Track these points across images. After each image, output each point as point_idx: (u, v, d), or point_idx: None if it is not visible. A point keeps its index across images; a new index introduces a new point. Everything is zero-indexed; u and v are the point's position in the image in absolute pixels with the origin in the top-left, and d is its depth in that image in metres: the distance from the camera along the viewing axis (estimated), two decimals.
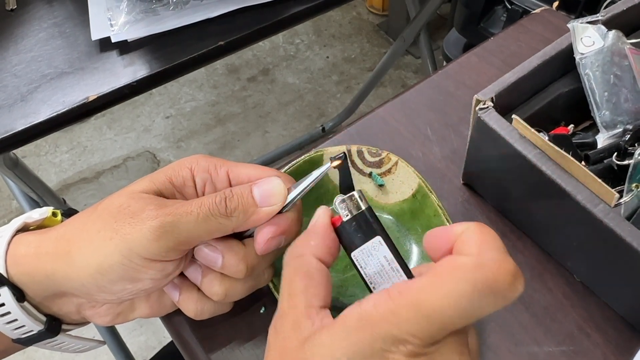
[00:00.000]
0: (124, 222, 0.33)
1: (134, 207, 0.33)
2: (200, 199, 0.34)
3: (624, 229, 0.38)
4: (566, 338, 0.43)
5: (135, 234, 0.32)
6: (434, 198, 0.46)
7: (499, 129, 0.43)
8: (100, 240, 0.33)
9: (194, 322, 0.44)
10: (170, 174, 0.37)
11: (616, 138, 0.48)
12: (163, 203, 0.34)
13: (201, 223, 0.33)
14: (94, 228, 0.33)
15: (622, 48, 0.48)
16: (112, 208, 0.34)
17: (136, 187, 0.35)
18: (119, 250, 0.32)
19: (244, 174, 0.37)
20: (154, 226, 0.32)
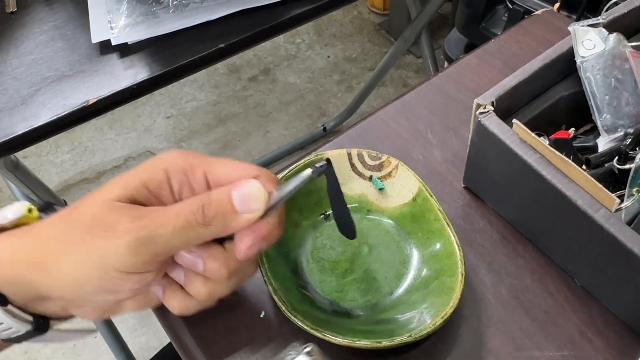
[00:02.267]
0: (98, 235, 0.31)
1: (108, 220, 0.32)
2: (177, 208, 0.33)
3: (624, 234, 0.37)
4: (567, 343, 0.43)
5: (110, 248, 0.31)
6: (435, 202, 0.46)
7: (500, 133, 0.43)
8: (75, 253, 0.32)
9: (193, 326, 0.44)
10: (145, 178, 0.34)
11: (617, 142, 0.47)
12: (138, 214, 0.32)
13: (178, 234, 0.32)
14: (69, 240, 0.32)
15: (623, 51, 0.48)
16: (86, 219, 0.32)
17: (109, 194, 0.33)
18: (94, 264, 0.32)
19: (222, 175, 0.35)
20: (129, 240, 0.31)
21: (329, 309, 0.44)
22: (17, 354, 1.30)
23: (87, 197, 0.34)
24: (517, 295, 0.46)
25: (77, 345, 1.32)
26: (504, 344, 0.43)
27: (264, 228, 0.35)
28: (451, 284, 0.42)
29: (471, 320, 0.45)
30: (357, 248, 0.48)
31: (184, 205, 0.33)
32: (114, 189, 0.33)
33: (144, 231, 0.32)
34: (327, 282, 0.46)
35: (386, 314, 0.44)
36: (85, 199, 0.34)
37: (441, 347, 0.43)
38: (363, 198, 0.50)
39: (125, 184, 0.34)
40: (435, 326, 0.40)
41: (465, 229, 0.50)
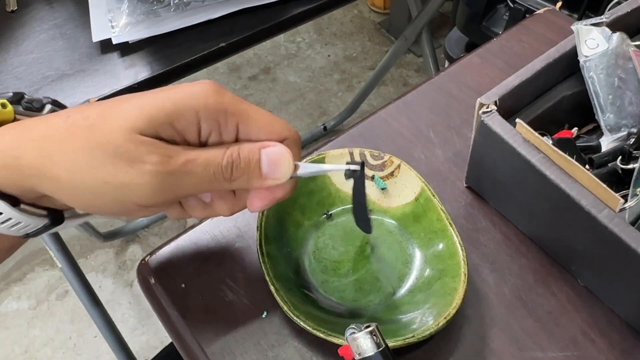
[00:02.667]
0: (121, 168, 0.30)
1: (133, 153, 0.30)
2: (206, 157, 0.32)
3: (628, 234, 0.37)
4: (570, 343, 0.43)
5: (133, 183, 0.30)
6: (437, 201, 0.46)
7: (503, 132, 0.43)
8: (94, 179, 0.31)
9: (195, 326, 0.44)
10: (173, 115, 0.31)
11: (620, 141, 0.47)
12: (166, 153, 0.31)
13: (203, 184, 0.33)
14: (86, 162, 0.31)
15: (627, 50, 0.48)
16: (108, 147, 0.30)
17: (131, 123, 0.31)
18: (113, 194, 0.31)
19: (254, 130, 0.34)
20: (155, 182, 0.31)
21: (331, 310, 0.44)
22: (17, 353, 1.30)
23: (102, 116, 0.31)
24: (520, 296, 0.46)
25: (78, 345, 1.32)
26: (506, 345, 0.43)
27: (280, 192, 0.36)
28: (454, 284, 0.42)
29: (474, 321, 0.44)
30: (359, 248, 0.48)
31: (213, 156, 0.33)
32: (137, 119, 0.31)
33: (171, 177, 0.31)
34: (329, 283, 0.46)
35: (389, 314, 0.43)
36: (101, 118, 0.31)
37: (444, 348, 0.43)
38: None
39: (150, 116, 0.31)
40: (438, 327, 0.39)
41: (468, 228, 0.50)
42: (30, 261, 1.47)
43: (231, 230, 0.49)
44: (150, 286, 0.47)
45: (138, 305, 1.39)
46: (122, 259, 1.47)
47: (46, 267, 1.45)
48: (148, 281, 0.47)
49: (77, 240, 1.50)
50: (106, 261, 1.47)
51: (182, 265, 0.47)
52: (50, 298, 1.40)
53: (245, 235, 0.49)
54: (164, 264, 0.47)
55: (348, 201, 0.50)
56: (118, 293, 1.41)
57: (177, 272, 0.47)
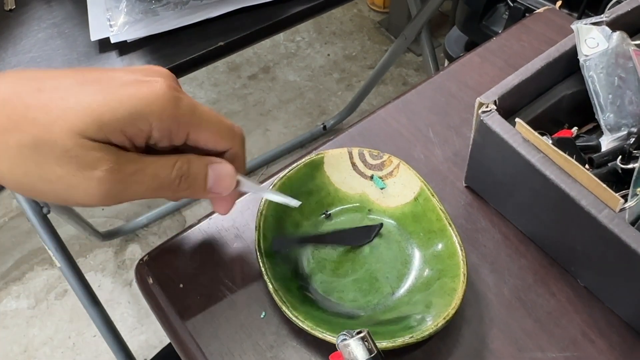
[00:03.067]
0: (68, 170, 0.30)
1: (83, 159, 0.30)
2: (155, 169, 0.33)
3: (629, 234, 0.37)
4: (570, 344, 0.43)
5: (80, 187, 0.30)
6: (436, 201, 0.46)
7: (502, 132, 0.43)
8: (38, 177, 0.30)
9: (193, 326, 0.44)
10: (125, 124, 0.30)
11: (620, 141, 0.47)
12: (115, 160, 0.31)
13: (150, 192, 0.33)
14: (30, 159, 0.30)
15: (627, 49, 0.48)
16: (55, 148, 0.29)
17: (83, 129, 0.29)
18: (57, 193, 0.31)
19: (202, 140, 0.35)
20: (103, 188, 0.30)
21: (330, 310, 0.44)
22: (16, 352, 1.30)
23: (46, 112, 0.29)
24: (519, 296, 0.45)
25: (77, 344, 1.32)
26: (506, 345, 0.43)
27: (223, 204, 0.40)
28: (453, 284, 0.42)
29: (473, 321, 0.44)
30: (358, 248, 0.48)
31: (162, 168, 0.33)
32: (88, 125, 0.30)
33: (120, 185, 0.31)
34: (328, 283, 0.46)
35: (387, 314, 0.43)
36: (45, 114, 0.29)
37: (443, 348, 0.43)
38: (364, 198, 0.49)
39: (101, 123, 0.30)
40: (437, 327, 0.39)
41: (467, 229, 0.50)
42: (29, 260, 1.47)
43: (230, 231, 0.49)
44: (148, 286, 0.47)
45: (137, 305, 1.38)
46: (121, 259, 1.47)
47: (45, 267, 1.45)
48: (146, 281, 0.47)
49: (76, 240, 1.49)
50: (105, 260, 1.47)
51: (180, 265, 0.47)
52: (49, 297, 1.40)
53: (243, 235, 0.49)
54: (162, 264, 0.47)
55: (347, 201, 0.50)
56: (117, 292, 1.41)
57: (175, 272, 0.47)
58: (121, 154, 0.31)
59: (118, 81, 0.31)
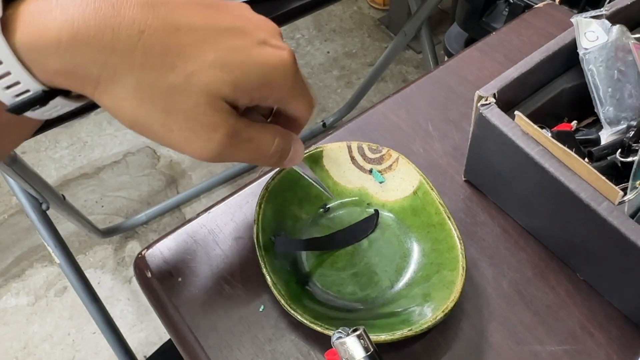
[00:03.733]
0: (192, 125, 0.30)
1: (210, 118, 0.30)
2: (259, 141, 0.34)
3: (628, 227, 0.37)
4: (569, 337, 0.43)
5: (196, 143, 0.31)
6: (435, 195, 0.46)
7: (501, 125, 0.43)
8: (159, 121, 0.30)
9: (192, 321, 0.44)
10: (254, 90, 0.31)
11: (620, 134, 0.47)
12: (234, 126, 0.31)
13: (248, 159, 0.34)
14: (157, 102, 0.29)
15: (627, 43, 0.48)
16: (188, 100, 0.29)
17: (219, 87, 0.29)
18: (170, 139, 0.31)
19: (294, 109, 0.36)
20: (216, 149, 0.31)
21: (329, 303, 0.44)
22: (16, 349, 1.30)
23: (185, 60, 0.29)
24: (518, 289, 0.45)
25: (76, 341, 1.32)
26: (505, 339, 0.43)
27: None
28: (452, 277, 0.42)
29: (472, 315, 0.44)
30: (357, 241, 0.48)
31: (265, 142, 0.34)
32: (225, 84, 0.29)
33: (230, 149, 0.32)
34: (326, 276, 0.46)
35: (386, 307, 0.43)
36: (184, 62, 0.29)
37: (442, 342, 0.43)
38: (363, 191, 0.49)
39: (235, 86, 0.30)
40: (436, 320, 0.39)
41: (466, 222, 0.49)
42: (29, 257, 1.47)
43: (228, 224, 0.49)
44: (147, 280, 0.47)
45: (137, 302, 1.39)
46: (121, 255, 1.47)
47: (45, 264, 1.45)
48: (145, 275, 0.47)
49: (75, 237, 1.49)
50: (105, 257, 1.47)
51: (179, 259, 0.47)
52: (49, 294, 1.40)
53: (242, 228, 0.49)
54: (161, 258, 0.47)
55: (345, 195, 0.49)
56: (117, 289, 1.41)
57: (174, 265, 0.47)
58: (239, 119, 0.32)
59: (251, 38, 0.31)
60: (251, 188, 0.52)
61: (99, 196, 1.59)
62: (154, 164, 1.67)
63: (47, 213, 1.02)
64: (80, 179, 1.63)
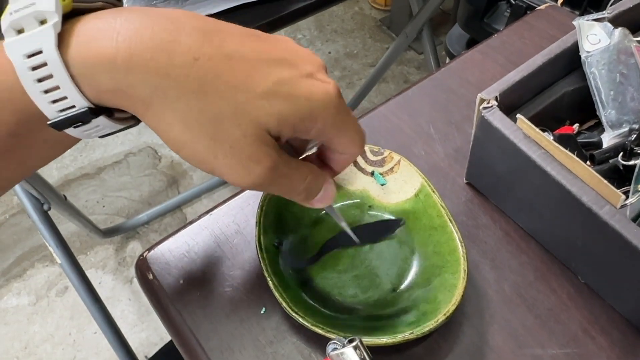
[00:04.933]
0: (236, 155, 0.30)
1: (254, 150, 0.30)
2: (292, 178, 0.34)
3: (630, 231, 0.37)
4: (570, 341, 0.43)
5: (236, 172, 0.31)
6: (437, 198, 0.46)
7: (503, 128, 0.43)
8: (204, 146, 0.30)
9: (193, 322, 0.44)
10: (298, 123, 0.31)
11: (622, 137, 0.47)
12: (276, 161, 0.31)
13: (279, 193, 0.35)
14: (205, 128, 0.29)
15: (629, 46, 0.48)
16: (236, 130, 0.29)
17: (266, 120, 0.30)
18: (212, 165, 0.31)
19: (338, 144, 0.35)
20: (255, 181, 0.31)
21: (330, 306, 0.44)
22: (17, 349, 1.30)
23: (237, 91, 0.29)
24: (520, 293, 0.45)
25: (77, 341, 1.32)
26: (506, 342, 0.43)
27: None
28: (453, 280, 0.42)
29: (473, 318, 0.44)
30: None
31: (297, 179, 0.34)
32: (272, 117, 0.30)
33: (268, 182, 0.32)
34: (328, 279, 0.46)
35: (388, 310, 0.43)
36: (235, 92, 0.29)
37: (443, 345, 0.43)
38: (365, 194, 0.49)
39: (282, 120, 0.30)
40: (437, 323, 0.39)
41: (468, 225, 0.49)
42: (30, 257, 1.47)
43: (230, 226, 0.49)
44: (148, 282, 0.47)
45: (138, 302, 1.39)
46: (122, 256, 1.47)
47: (46, 264, 1.45)
48: (146, 277, 0.47)
49: (77, 237, 1.50)
50: (106, 258, 1.47)
51: (180, 260, 0.47)
52: (50, 294, 1.40)
53: (244, 231, 0.49)
54: (162, 260, 0.47)
55: (347, 197, 0.49)
56: (118, 289, 1.41)
57: (175, 267, 0.47)
58: (281, 154, 0.32)
59: (299, 71, 0.31)
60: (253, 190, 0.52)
61: (100, 196, 1.59)
62: (155, 164, 1.67)
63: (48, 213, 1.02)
64: (81, 179, 1.63)
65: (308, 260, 0.47)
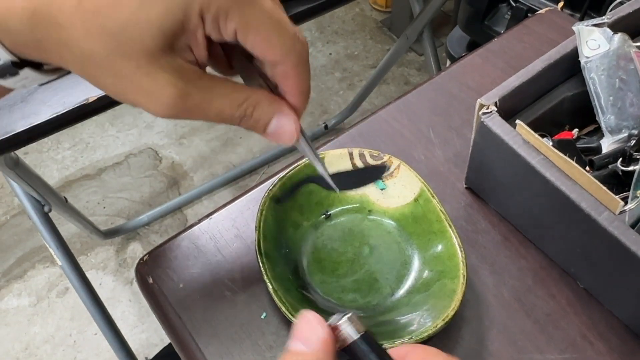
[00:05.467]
0: (137, 92, 0.29)
1: (149, 83, 0.29)
2: (221, 105, 0.32)
3: (628, 237, 0.37)
4: (569, 346, 0.43)
5: (148, 104, 0.30)
6: (436, 202, 0.46)
7: (503, 134, 0.43)
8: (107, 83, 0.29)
9: (193, 326, 0.44)
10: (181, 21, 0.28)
11: (621, 143, 0.47)
12: (183, 91, 0.30)
13: (212, 121, 0.33)
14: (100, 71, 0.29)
15: (628, 51, 0.48)
16: (129, 67, 0.28)
17: (147, 42, 0.28)
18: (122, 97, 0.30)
19: (249, 43, 0.31)
20: (169, 113, 0.30)
21: (330, 310, 0.44)
22: (18, 350, 1.30)
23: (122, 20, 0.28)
24: (519, 298, 0.45)
25: (78, 342, 1.32)
26: (505, 347, 0.43)
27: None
28: (453, 285, 0.42)
29: (472, 323, 0.44)
30: (357, 249, 0.48)
31: (227, 107, 0.32)
32: (150, 37, 0.28)
33: (185, 113, 0.31)
34: (327, 283, 0.46)
35: (387, 315, 0.43)
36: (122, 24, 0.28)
37: (442, 350, 0.42)
38: (364, 198, 0.49)
39: (161, 29, 0.28)
40: (437, 328, 0.39)
41: (467, 230, 0.50)
42: (31, 258, 1.47)
43: (230, 230, 0.49)
44: (148, 285, 0.47)
45: (138, 303, 1.39)
46: (123, 257, 1.47)
47: (47, 264, 1.45)
48: (146, 281, 0.47)
49: (77, 238, 1.50)
50: (106, 259, 1.47)
51: (180, 264, 0.47)
52: (51, 295, 1.40)
53: (243, 235, 0.49)
54: (162, 264, 0.47)
55: (347, 201, 0.50)
56: (118, 291, 1.41)
57: (175, 271, 0.47)
58: (193, 80, 0.30)
59: None
60: (252, 194, 0.52)
61: (100, 197, 1.59)
62: (156, 166, 1.67)
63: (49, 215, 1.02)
64: (82, 180, 1.63)
65: (282, 197, 0.46)
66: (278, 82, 0.34)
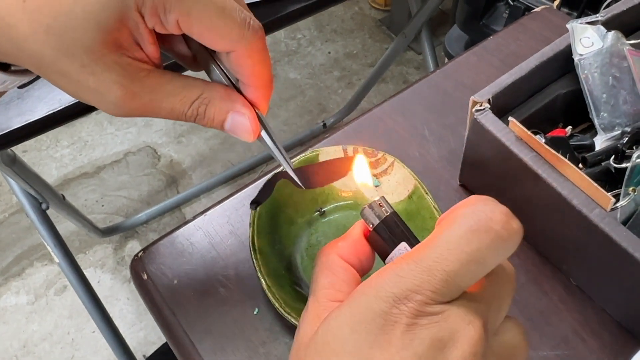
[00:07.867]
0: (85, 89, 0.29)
1: (95, 83, 0.29)
2: (172, 104, 0.31)
3: (619, 234, 0.37)
4: (561, 342, 0.43)
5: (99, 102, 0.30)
6: (430, 199, 0.46)
7: (495, 131, 0.43)
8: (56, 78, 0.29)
9: (187, 322, 0.44)
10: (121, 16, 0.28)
11: (614, 140, 0.47)
12: (128, 90, 0.29)
13: (166, 117, 0.32)
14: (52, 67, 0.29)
15: (622, 49, 0.48)
16: (74, 66, 0.28)
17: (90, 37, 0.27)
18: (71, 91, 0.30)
19: (196, 34, 0.30)
20: (119, 112, 0.30)
21: None
22: (16, 348, 1.30)
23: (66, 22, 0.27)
24: None
25: (76, 340, 1.33)
26: None
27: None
28: None
29: None
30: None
31: (178, 104, 0.31)
32: (89, 33, 0.27)
33: (136, 111, 0.30)
34: None
35: None
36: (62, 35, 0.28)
37: None
38: (358, 195, 0.50)
39: (99, 24, 0.27)
40: None
41: None
42: (29, 256, 1.47)
43: (224, 227, 0.49)
44: (143, 282, 0.47)
45: (136, 301, 1.39)
46: (121, 255, 1.48)
47: (45, 262, 1.46)
48: (141, 277, 0.47)
49: (75, 236, 1.50)
50: (104, 257, 1.47)
51: (175, 261, 0.47)
52: (49, 293, 1.41)
53: (237, 231, 0.49)
54: (157, 260, 0.48)
55: (341, 198, 0.50)
56: (116, 289, 1.41)
57: (169, 268, 0.47)
58: (137, 78, 0.29)
59: None
60: (247, 191, 0.52)
61: (99, 195, 1.59)
62: (155, 164, 1.67)
63: (46, 213, 1.02)
64: (80, 178, 1.63)
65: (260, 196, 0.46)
66: (235, 73, 0.32)
